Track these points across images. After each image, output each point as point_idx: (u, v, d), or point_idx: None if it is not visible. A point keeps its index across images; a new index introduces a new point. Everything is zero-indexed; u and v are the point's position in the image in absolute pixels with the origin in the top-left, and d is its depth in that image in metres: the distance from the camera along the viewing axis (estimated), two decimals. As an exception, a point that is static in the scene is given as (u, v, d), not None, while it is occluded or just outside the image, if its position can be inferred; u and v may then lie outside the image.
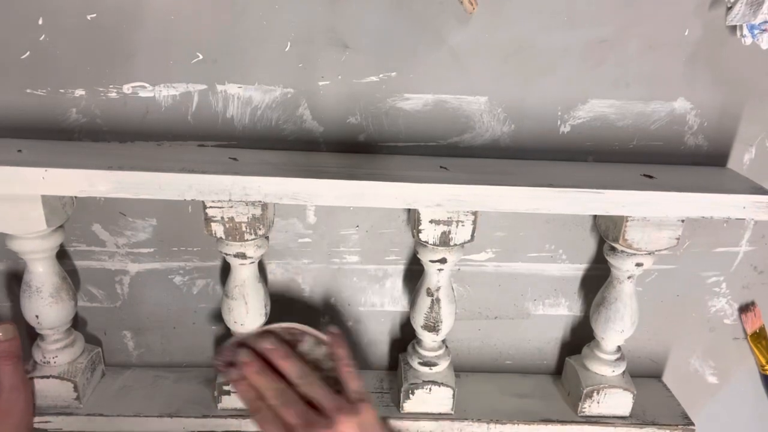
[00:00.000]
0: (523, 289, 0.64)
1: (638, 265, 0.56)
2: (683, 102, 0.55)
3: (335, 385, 0.51)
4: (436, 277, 0.57)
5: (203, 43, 0.52)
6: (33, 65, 0.52)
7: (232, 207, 0.51)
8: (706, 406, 0.72)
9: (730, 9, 0.50)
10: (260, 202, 0.50)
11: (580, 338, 0.66)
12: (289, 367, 0.51)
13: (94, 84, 0.53)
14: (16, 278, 0.61)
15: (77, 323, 0.63)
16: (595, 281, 0.62)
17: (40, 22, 0.50)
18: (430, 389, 0.60)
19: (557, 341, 0.67)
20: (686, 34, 0.53)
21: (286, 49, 0.52)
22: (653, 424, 0.62)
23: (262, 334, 0.53)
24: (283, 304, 0.64)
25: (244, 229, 0.52)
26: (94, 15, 0.50)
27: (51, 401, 0.58)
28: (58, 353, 0.58)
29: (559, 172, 0.53)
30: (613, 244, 0.55)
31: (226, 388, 0.59)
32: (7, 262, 0.60)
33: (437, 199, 0.49)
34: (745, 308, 0.66)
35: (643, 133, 0.57)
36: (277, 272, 0.62)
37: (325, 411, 0.48)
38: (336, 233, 0.60)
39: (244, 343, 0.52)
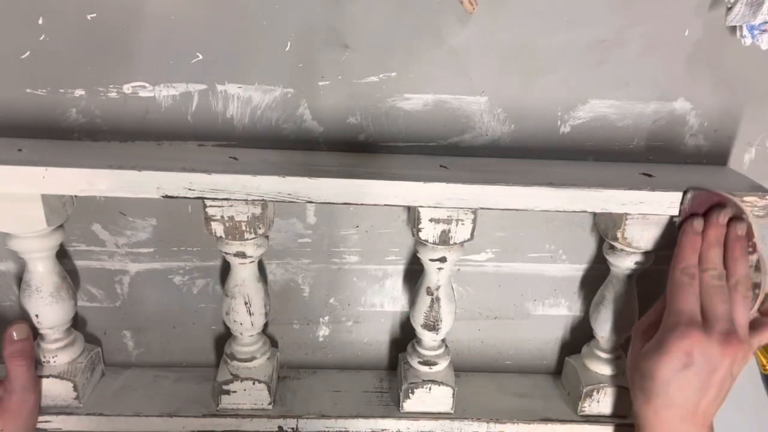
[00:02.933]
0: (523, 289, 0.64)
1: (638, 263, 0.56)
2: (683, 102, 0.55)
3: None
4: (436, 276, 0.57)
5: (203, 43, 0.52)
6: (33, 65, 0.52)
7: (231, 206, 0.51)
8: (706, 406, 0.72)
9: (730, 9, 0.50)
10: (260, 201, 0.50)
11: (579, 338, 0.66)
12: (745, 267, 0.48)
13: (94, 84, 0.53)
14: (16, 278, 0.61)
15: (77, 323, 0.63)
16: (595, 281, 0.62)
17: (40, 22, 0.50)
18: (430, 389, 0.60)
19: (557, 341, 0.67)
20: (686, 34, 0.53)
21: (286, 49, 0.52)
22: (653, 424, 0.62)
23: (737, 212, 0.49)
24: (283, 304, 0.64)
25: (244, 228, 0.52)
26: (94, 15, 0.50)
27: (51, 401, 0.58)
28: (57, 353, 0.58)
29: (558, 171, 0.53)
30: (613, 243, 0.55)
31: (225, 387, 0.59)
32: (7, 261, 0.60)
33: (437, 198, 0.49)
34: (745, 308, 0.66)
35: (643, 133, 0.57)
36: (277, 272, 0.62)
37: (741, 332, 0.47)
38: (336, 233, 0.60)
39: (720, 203, 0.49)
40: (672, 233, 0.52)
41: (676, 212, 0.50)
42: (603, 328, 0.60)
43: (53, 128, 0.54)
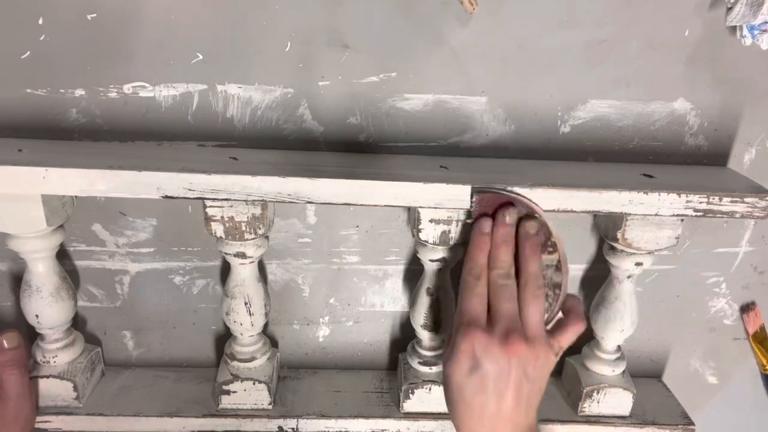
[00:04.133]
0: (523, 289, 0.64)
1: (638, 264, 0.56)
2: (683, 102, 0.55)
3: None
4: (436, 276, 0.57)
5: (203, 43, 0.52)
6: (33, 65, 0.52)
7: (232, 206, 0.51)
8: (706, 406, 0.72)
9: (730, 9, 0.50)
10: (260, 201, 0.50)
11: (579, 338, 0.66)
12: (535, 265, 0.47)
13: (94, 84, 0.53)
14: (16, 278, 0.61)
15: (77, 323, 0.63)
16: (595, 281, 0.62)
17: (40, 22, 0.50)
18: (430, 389, 0.60)
19: (557, 341, 0.67)
20: (686, 34, 0.53)
21: (286, 49, 0.52)
22: (653, 423, 0.62)
23: (528, 211, 0.48)
24: (283, 304, 0.64)
25: (244, 228, 0.52)
26: (94, 15, 0.50)
27: (51, 401, 0.58)
28: (58, 353, 0.58)
29: (559, 171, 0.53)
30: (613, 244, 0.55)
31: (225, 387, 0.59)
32: (7, 262, 0.60)
33: (437, 199, 0.49)
34: (745, 308, 0.66)
35: (643, 133, 0.57)
36: (277, 272, 0.62)
37: (529, 330, 0.45)
38: (336, 233, 0.60)
39: (509, 202, 0.48)
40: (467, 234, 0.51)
41: (676, 211, 0.50)
42: (603, 328, 0.60)
43: (53, 128, 0.54)
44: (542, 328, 0.47)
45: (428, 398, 0.60)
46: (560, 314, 0.49)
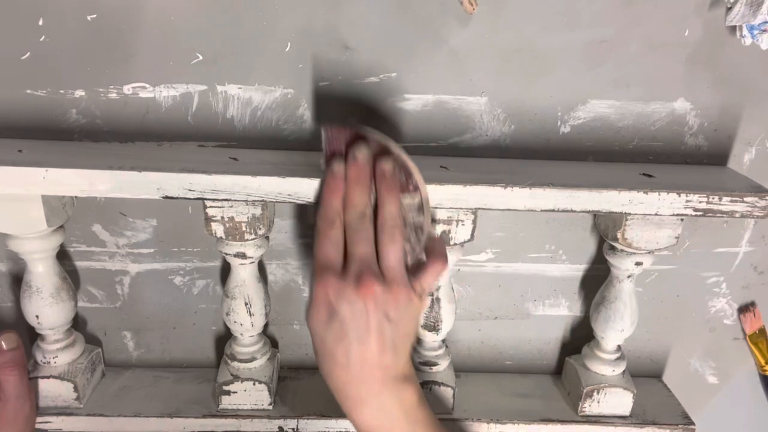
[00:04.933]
0: (523, 289, 0.64)
1: (638, 264, 0.56)
2: (683, 102, 0.55)
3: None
4: (436, 277, 0.57)
5: (203, 44, 0.52)
6: (33, 65, 0.52)
7: (232, 207, 0.51)
8: (706, 406, 0.72)
9: (729, 9, 0.50)
10: (260, 201, 0.50)
11: (580, 338, 0.66)
12: (392, 205, 0.45)
13: (94, 84, 0.53)
14: (16, 279, 0.61)
15: (77, 323, 0.63)
16: (595, 281, 0.62)
17: (40, 22, 0.50)
18: (431, 389, 0.60)
19: (557, 341, 0.67)
20: (686, 34, 0.53)
21: (286, 50, 0.52)
22: (653, 423, 0.62)
23: (383, 148, 0.46)
24: (283, 304, 0.64)
25: (244, 228, 0.52)
26: (95, 15, 0.50)
27: (51, 401, 0.58)
28: (58, 353, 0.58)
29: (558, 171, 0.53)
30: (613, 243, 0.55)
31: (226, 388, 0.59)
32: (7, 262, 0.60)
33: (437, 199, 0.49)
34: (744, 308, 0.66)
35: (643, 133, 0.57)
36: (277, 272, 0.62)
37: (387, 272, 0.43)
38: (336, 233, 0.60)
39: (362, 137, 0.45)
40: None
41: (676, 211, 0.50)
42: (603, 328, 0.60)
43: (53, 129, 0.54)
44: (401, 270, 0.44)
45: (428, 398, 0.60)
46: (424, 257, 0.47)
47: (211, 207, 0.51)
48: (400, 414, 0.45)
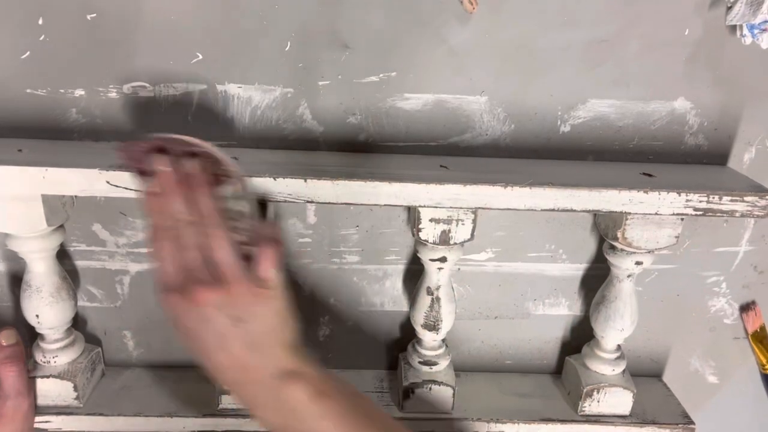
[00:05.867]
0: (523, 289, 0.64)
1: (638, 263, 0.56)
2: (683, 102, 0.55)
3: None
4: (436, 276, 0.57)
5: (203, 43, 0.52)
6: (33, 65, 0.52)
7: (232, 207, 0.51)
8: (706, 406, 0.72)
9: (730, 9, 0.50)
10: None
11: (580, 338, 0.66)
12: (204, 204, 0.42)
13: (94, 84, 0.53)
14: (16, 278, 0.61)
15: (77, 323, 0.63)
16: (595, 281, 0.62)
17: (40, 22, 0.50)
18: (431, 388, 0.60)
19: (557, 341, 0.67)
20: (686, 34, 0.53)
21: (286, 49, 0.52)
22: (653, 423, 0.62)
23: (184, 150, 0.43)
24: (283, 304, 0.64)
25: (244, 228, 0.52)
26: (94, 15, 0.50)
27: (51, 401, 0.58)
28: (58, 353, 0.58)
29: (558, 171, 0.53)
30: (613, 243, 0.55)
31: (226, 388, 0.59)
32: (7, 261, 0.60)
33: (437, 198, 0.49)
34: (745, 308, 0.66)
35: (643, 132, 0.57)
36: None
37: (219, 271, 0.41)
38: (336, 233, 0.60)
39: (162, 148, 0.43)
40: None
41: (676, 210, 0.50)
42: (603, 328, 0.60)
43: (53, 128, 0.54)
44: (233, 266, 0.42)
45: (429, 397, 0.60)
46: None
47: (211, 206, 0.50)
48: (289, 410, 0.43)
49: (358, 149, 0.56)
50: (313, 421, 0.43)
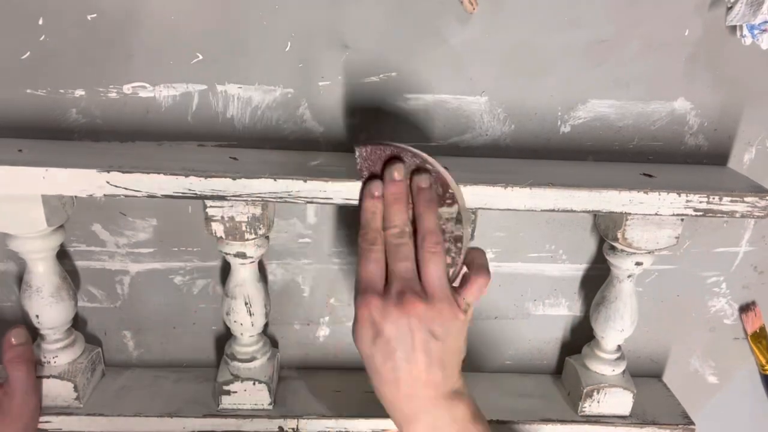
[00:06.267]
0: (523, 289, 0.64)
1: (638, 264, 0.56)
2: (683, 102, 0.55)
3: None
4: (436, 277, 0.57)
5: (203, 43, 0.52)
6: (33, 65, 0.52)
7: (232, 206, 0.51)
8: (706, 406, 0.72)
9: (730, 9, 0.50)
10: (260, 201, 0.50)
11: (580, 338, 0.66)
12: (430, 221, 0.44)
13: (94, 84, 0.53)
14: (16, 278, 0.61)
15: (77, 323, 0.63)
16: (595, 281, 0.62)
17: (40, 22, 0.50)
18: (430, 389, 0.60)
19: (557, 341, 0.67)
20: (686, 34, 0.53)
21: (286, 49, 0.52)
22: (653, 423, 0.62)
23: (417, 162, 0.46)
24: (283, 304, 0.64)
25: (244, 228, 0.52)
26: (94, 15, 0.50)
27: (51, 401, 0.58)
28: (58, 353, 0.58)
29: (558, 171, 0.53)
30: (613, 243, 0.55)
31: (226, 388, 0.59)
32: (7, 262, 0.60)
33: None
34: (745, 308, 0.66)
35: (643, 133, 0.57)
36: (277, 272, 0.62)
37: (429, 288, 0.43)
38: (336, 233, 0.60)
39: (396, 153, 0.46)
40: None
41: (676, 211, 0.50)
42: (603, 328, 0.60)
43: (53, 128, 0.54)
44: (443, 285, 0.44)
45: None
46: (465, 269, 0.47)
47: (211, 207, 0.51)
48: (452, 428, 0.44)
49: (358, 149, 0.56)
50: None
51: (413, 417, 0.45)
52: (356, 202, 0.48)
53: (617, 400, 0.61)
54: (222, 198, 0.48)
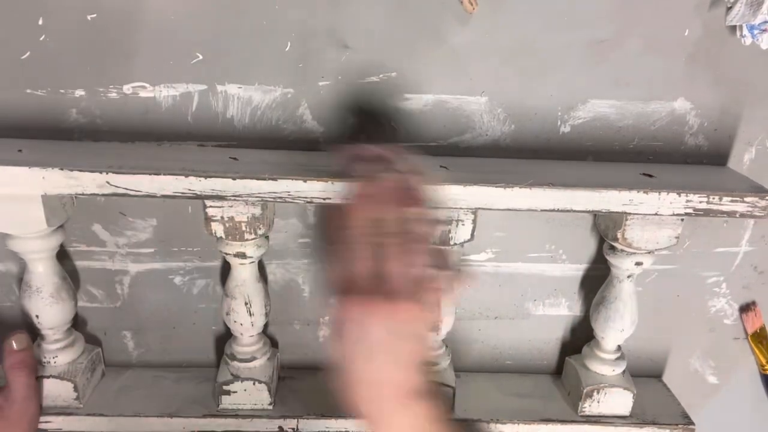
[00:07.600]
0: (523, 289, 0.64)
1: (638, 264, 0.56)
2: (683, 102, 0.55)
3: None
4: (436, 277, 0.57)
5: (203, 43, 0.52)
6: (33, 65, 0.52)
7: (232, 207, 0.51)
8: (706, 406, 0.72)
9: (730, 9, 0.50)
10: (260, 201, 0.50)
11: (580, 338, 0.66)
12: (397, 220, 0.44)
13: (94, 84, 0.53)
14: (16, 278, 0.61)
15: (77, 323, 0.63)
16: (595, 281, 0.62)
17: (40, 22, 0.50)
18: (430, 389, 0.60)
19: (557, 341, 0.67)
20: (686, 34, 0.53)
21: (286, 49, 0.52)
22: (653, 423, 0.62)
23: (388, 161, 0.45)
24: (283, 304, 0.64)
25: (244, 228, 0.52)
26: (94, 15, 0.50)
27: (51, 401, 0.58)
28: (58, 353, 0.58)
29: (558, 171, 0.53)
30: (613, 243, 0.55)
31: (226, 388, 0.59)
32: (7, 262, 0.60)
33: (437, 198, 0.49)
34: (745, 308, 0.66)
35: (643, 133, 0.57)
36: (277, 272, 0.62)
37: (393, 287, 0.42)
38: (336, 233, 0.60)
39: (368, 153, 0.45)
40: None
41: (676, 211, 0.50)
42: (603, 328, 0.60)
43: (53, 129, 0.54)
44: (406, 284, 0.43)
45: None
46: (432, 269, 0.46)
47: (211, 207, 0.51)
48: (416, 428, 0.43)
49: (358, 149, 0.56)
50: None
51: (377, 418, 0.44)
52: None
53: (617, 400, 0.61)
54: (222, 198, 0.48)
